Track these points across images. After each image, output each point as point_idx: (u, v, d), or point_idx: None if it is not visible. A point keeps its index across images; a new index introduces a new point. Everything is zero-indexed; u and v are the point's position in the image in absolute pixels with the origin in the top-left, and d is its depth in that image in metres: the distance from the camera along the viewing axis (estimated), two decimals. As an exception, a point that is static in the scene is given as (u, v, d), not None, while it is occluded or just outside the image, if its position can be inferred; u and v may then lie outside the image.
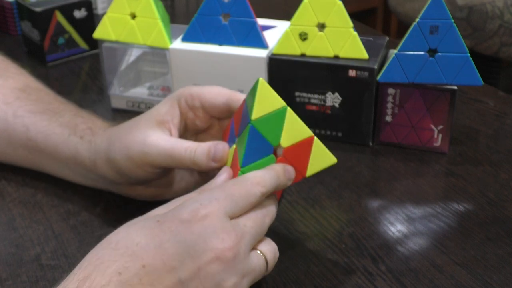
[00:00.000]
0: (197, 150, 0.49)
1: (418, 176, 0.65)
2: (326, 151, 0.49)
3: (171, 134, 0.52)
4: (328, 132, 0.70)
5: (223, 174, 0.48)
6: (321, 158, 0.48)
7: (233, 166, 0.48)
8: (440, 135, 0.67)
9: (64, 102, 0.63)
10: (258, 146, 0.47)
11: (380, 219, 0.58)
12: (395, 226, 0.57)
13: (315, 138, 0.48)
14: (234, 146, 0.49)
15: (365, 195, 0.62)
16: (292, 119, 0.47)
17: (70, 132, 0.57)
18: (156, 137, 0.51)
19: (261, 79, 0.48)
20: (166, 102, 0.53)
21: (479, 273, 0.51)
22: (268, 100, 0.47)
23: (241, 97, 0.52)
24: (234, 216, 0.44)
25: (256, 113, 0.46)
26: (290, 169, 0.48)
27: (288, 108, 0.47)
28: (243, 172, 0.47)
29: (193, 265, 0.41)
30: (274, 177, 0.46)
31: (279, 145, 0.48)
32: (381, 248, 0.54)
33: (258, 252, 0.45)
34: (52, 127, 0.59)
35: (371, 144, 0.70)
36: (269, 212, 0.46)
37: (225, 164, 0.49)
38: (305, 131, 0.48)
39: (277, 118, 0.47)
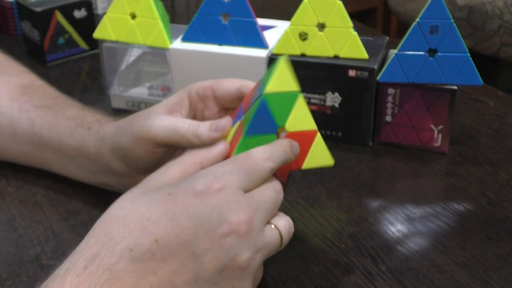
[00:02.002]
0: (200, 124, 0.49)
1: (418, 176, 0.65)
2: (326, 151, 0.49)
3: None
4: (328, 132, 0.70)
5: (221, 145, 0.47)
6: (320, 155, 0.49)
7: (233, 141, 0.48)
8: (440, 135, 0.67)
9: (70, 98, 0.63)
10: (264, 121, 0.47)
11: (380, 219, 0.58)
12: (395, 226, 0.57)
13: (318, 134, 0.48)
14: (238, 122, 0.49)
15: (365, 195, 0.62)
16: (302, 106, 0.48)
17: (77, 123, 0.58)
18: (162, 115, 0.51)
19: (284, 57, 0.47)
20: (177, 94, 0.53)
21: (479, 273, 0.51)
22: (285, 80, 0.47)
23: (253, 84, 0.52)
24: (247, 190, 0.43)
25: (271, 87, 0.46)
26: (295, 145, 0.47)
27: (301, 94, 0.47)
28: (244, 141, 0.47)
29: (207, 239, 0.40)
30: (282, 152, 0.46)
31: (283, 128, 0.47)
32: (381, 248, 0.54)
33: (273, 226, 0.44)
34: (59, 120, 0.59)
35: (371, 144, 0.70)
36: (279, 190, 0.45)
37: (226, 135, 0.48)
38: (310, 123, 0.48)
39: (289, 99, 0.47)
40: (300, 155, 0.48)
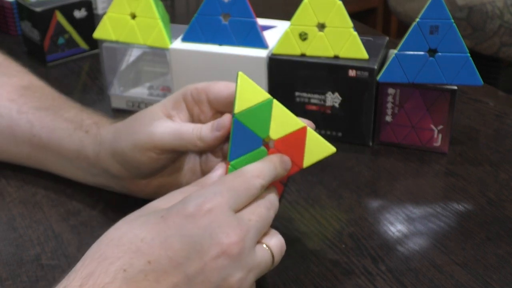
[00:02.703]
0: (202, 127, 0.49)
1: (418, 176, 0.65)
2: (322, 141, 0.48)
3: None
4: (328, 132, 0.70)
5: (219, 169, 0.48)
6: (318, 148, 0.48)
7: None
8: (440, 135, 0.67)
9: (68, 100, 0.63)
10: (245, 139, 0.47)
11: (380, 219, 0.58)
12: (395, 226, 0.57)
13: (308, 128, 0.48)
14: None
15: (365, 195, 0.62)
16: (279, 110, 0.47)
17: (76, 126, 0.58)
18: (163, 121, 0.51)
19: (240, 73, 0.48)
20: (172, 97, 0.53)
21: (479, 273, 0.51)
22: (251, 93, 0.47)
23: None
24: (237, 210, 0.43)
25: (239, 107, 0.47)
26: (286, 159, 0.48)
27: (274, 100, 0.47)
28: (233, 166, 0.47)
29: (199, 260, 0.41)
30: (272, 169, 0.46)
31: (268, 137, 0.48)
32: (381, 248, 0.54)
33: (264, 246, 0.44)
34: (57, 122, 0.59)
35: (371, 144, 0.70)
36: (272, 205, 0.46)
37: (228, 133, 0.48)
38: (295, 123, 0.48)
39: (263, 110, 0.47)
40: (298, 155, 0.48)
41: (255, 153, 0.48)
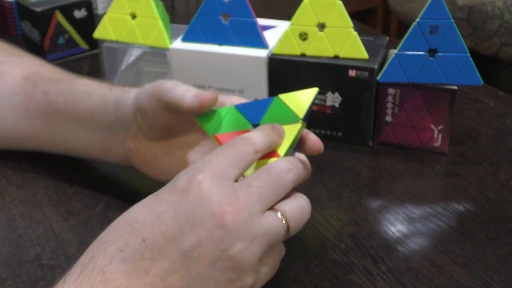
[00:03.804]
0: (191, 91, 0.49)
1: (418, 176, 0.65)
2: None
3: None
4: (328, 132, 0.70)
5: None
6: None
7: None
8: (440, 135, 0.67)
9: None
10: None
11: (380, 219, 0.58)
12: (395, 226, 0.57)
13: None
14: None
15: (365, 195, 0.62)
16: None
17: (98, 87, 0.58)
18: (179, 83, 0.50)
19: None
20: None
21: (479, 273, 0.51)
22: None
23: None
24: (233, 178, 0.42)
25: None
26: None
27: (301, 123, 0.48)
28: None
29: (194, 233, 0.40)
30: (264, 135, 0.45)
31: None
32: (381, 248, 0.54)
33: (274, 212, 0.42)
34: (75, 87, 0.59)
35: (371, 144, 0.70)
36: (279, 172, 0.43)
37: (210, 105, 0.48)
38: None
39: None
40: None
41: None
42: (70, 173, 0.64)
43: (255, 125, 0.48)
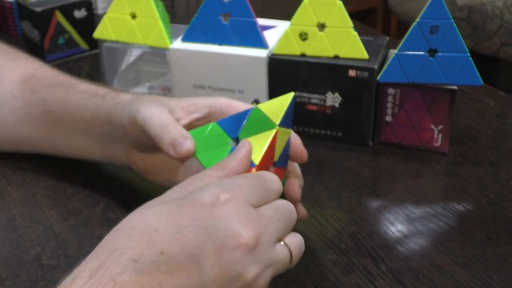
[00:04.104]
0: (171, 134, 0.49)
1: (418, 176, 0.65)
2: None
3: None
4: (328, 132, 0.70)
5: (243, 148, 0.46)
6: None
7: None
8: (440, 135, 0.67)
9: (79, 78, 0.64)
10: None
11: (380, 219, 0.58)
12: (395, 226, 0.57)
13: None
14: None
15: (365, 195, 0.62)
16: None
17: (91, 95, 0.58)
18: (163, 110, 0.50)
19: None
20: (194, 101, 0.53)
21: (479, 273, 0.51)
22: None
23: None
24: (256, 206, 0.42)
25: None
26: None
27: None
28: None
29: (214, 252, 0.39)
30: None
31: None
32: (381, 248, 0.54)
33: (282, 243, 0.43)
34: (71, 95, 0.59)
35: (371, 144, 0.70)
36: (293, 211, 0.45)
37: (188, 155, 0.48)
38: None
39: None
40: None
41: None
42: (70, 173, 0.64)
43: (234, 139, 0.48)
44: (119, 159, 0.58)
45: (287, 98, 0.49)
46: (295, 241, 0.44)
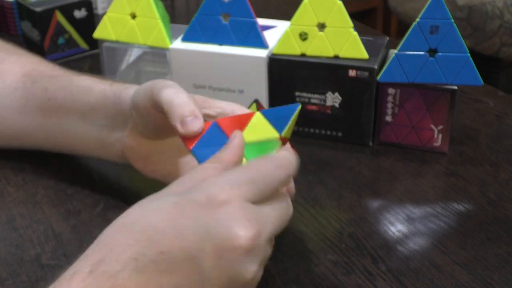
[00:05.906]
0: (185, 108, 0.48)
1: (418, 176, 0.65)
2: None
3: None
4: (328, 132, 0.70)
5: (235, 139, 0.46)
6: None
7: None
8: (440, 135, 0.67)
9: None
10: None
11: (380, 219, 0.58)
12: (395, 226, 0.57)
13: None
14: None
15: (365, 195, 0.62)
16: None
17: (98, 82, 0.58)
18: (176, 87, 0.50)
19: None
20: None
21: (479, 273, 0.51)
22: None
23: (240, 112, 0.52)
24: (256, 202, 0.42)
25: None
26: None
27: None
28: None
29: (214, 253, 0.39)
30: (293, 161, 0.45)
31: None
32: (381, 248, 0.54)
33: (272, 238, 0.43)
34: (76, 82, 0.59)
35: (371, 144, 0.70)
36: (290, 205, 0.45)
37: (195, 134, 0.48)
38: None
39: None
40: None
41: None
42: (70, 173, 0.64)
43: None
44: (112, 148, 0.58)
45: (293, 110, 0.48)
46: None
